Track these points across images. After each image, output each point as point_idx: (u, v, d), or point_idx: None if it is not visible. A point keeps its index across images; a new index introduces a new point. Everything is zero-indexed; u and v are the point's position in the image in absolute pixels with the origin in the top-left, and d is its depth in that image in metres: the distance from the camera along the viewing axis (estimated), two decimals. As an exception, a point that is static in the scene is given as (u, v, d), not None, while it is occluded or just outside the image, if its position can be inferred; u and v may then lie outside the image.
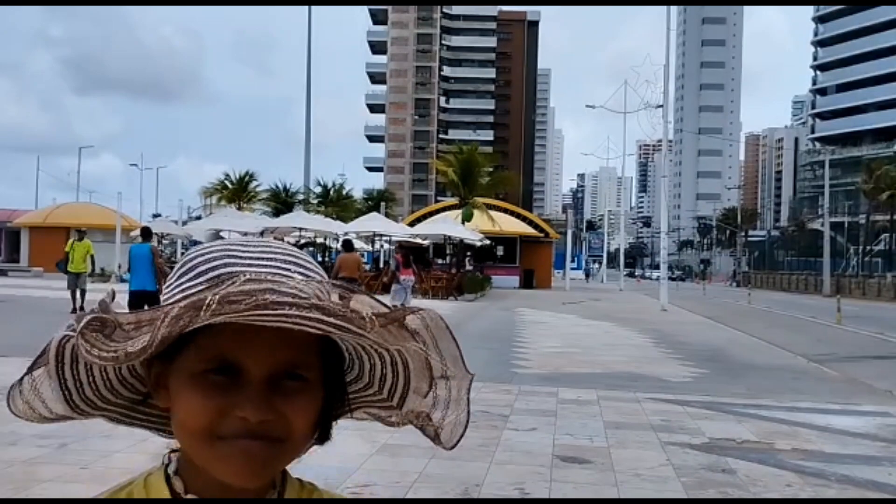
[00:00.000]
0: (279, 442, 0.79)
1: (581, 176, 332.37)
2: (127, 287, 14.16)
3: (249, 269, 0.79)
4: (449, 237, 36.53)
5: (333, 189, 53.26)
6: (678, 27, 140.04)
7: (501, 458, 6.32)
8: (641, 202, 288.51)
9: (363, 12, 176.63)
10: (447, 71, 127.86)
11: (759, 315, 30.59)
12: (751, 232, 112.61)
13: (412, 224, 43.54)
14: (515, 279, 46.94)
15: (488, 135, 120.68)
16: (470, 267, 40.28)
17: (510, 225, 46.16)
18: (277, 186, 49.96)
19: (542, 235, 50.96)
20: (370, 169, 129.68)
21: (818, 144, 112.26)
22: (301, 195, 50.83)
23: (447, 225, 36.47)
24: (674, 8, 37.35)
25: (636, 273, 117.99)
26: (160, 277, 13.57)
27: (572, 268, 61.49)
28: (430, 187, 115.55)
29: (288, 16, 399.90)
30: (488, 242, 40.59)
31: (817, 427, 8.15)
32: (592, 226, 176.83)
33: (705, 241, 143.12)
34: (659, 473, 6.10)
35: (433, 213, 48.79)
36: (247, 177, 48.45)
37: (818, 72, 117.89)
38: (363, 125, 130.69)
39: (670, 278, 51.55)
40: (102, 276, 29.32)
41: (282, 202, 47.71)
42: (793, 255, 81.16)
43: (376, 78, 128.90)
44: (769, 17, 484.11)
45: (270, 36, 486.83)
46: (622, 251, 68.80)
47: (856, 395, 10.63)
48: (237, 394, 0.78)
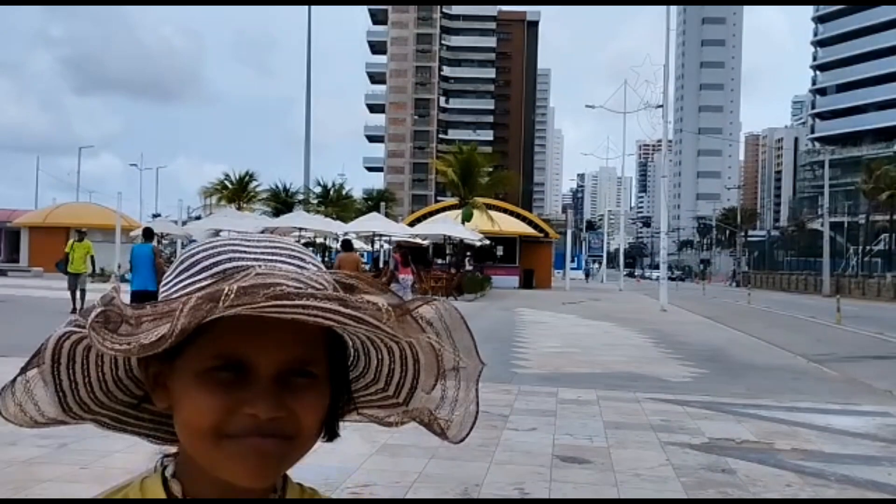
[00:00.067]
0: (289, 439, 0.77)
1: (581, 176, 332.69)
2: (128, 287, 14.18)
3: (256, 264, 0.77)
4: (449, 237, 36.50)
5: (333, 189, 53.27)
6: (678, 27, 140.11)
7: (501, 458, 6.32)
8: (641, 202, 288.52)
9: (363, 12, 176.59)
10: (447, 71, 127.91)
11: (759, 315, 30.58)
12: (750, 232, 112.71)
13: (412, 224, 43.49)
14: (515, 279, 46.90)
15: (488, 135, 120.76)
16: (470, 267, 40.22)
17: (510, 225, 46.15)
18: (277, 186, 50.04)
19: (542, 235, 50.93)
20: (370, 169, 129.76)
21: (818, 144, 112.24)
22: (301, 195, 50.77)
23: (447, 225, 36.44)
24: (673, 8, 37.36)
25: (636, 273, 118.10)
26: (161, 277, 13.59)
27: (572, 268, 61.43)
28: (430, 187, 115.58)
29: (288, 16, 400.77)
30: (488, 242, 40.57)
31: (817, 427, 8.15)
32: (592, 226, 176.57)
33: (705, 241, 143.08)
34: (659, 473, 6.10)
35: (433, 213, 48.75)
36: (247, 177, 48.47)
37: (818, 72, 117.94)
38: (363, 125, 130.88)
39: (670, 278, 51.56)
40: (102, 277, 29.28)
41: (282, 202, 47.69)
42: (792, 255, 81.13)
43: (376, 78, 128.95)
44: (769, 18, 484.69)
45: (270, 36, 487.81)
46: (622, 251, 68.83)
47: (855, 395, 10.63)
48: (245, 391, 0.76)
